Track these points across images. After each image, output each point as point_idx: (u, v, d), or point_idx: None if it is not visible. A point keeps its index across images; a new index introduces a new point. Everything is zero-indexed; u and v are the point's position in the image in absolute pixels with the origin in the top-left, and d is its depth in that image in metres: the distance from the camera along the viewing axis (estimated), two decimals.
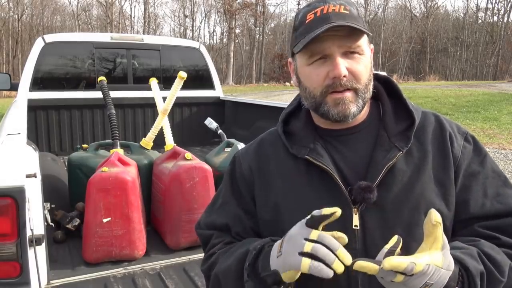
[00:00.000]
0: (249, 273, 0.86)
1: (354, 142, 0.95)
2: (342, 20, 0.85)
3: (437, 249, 0.76)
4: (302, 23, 0.90)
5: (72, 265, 2.13)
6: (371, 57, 0.94)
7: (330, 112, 0.90)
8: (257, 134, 1.12)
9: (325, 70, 0.88)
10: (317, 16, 0.88)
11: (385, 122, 0.95)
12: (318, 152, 0.93)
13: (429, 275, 0.74)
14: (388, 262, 0.73)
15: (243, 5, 35.71)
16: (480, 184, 0.92)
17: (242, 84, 31.88)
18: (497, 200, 0.91)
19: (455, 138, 0.94)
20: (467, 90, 15.86)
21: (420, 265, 0.73)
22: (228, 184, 1.07)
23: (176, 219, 2.33)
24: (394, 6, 48.37)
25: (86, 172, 2.53)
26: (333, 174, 0.89)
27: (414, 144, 0.92)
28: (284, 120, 1.03)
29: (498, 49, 40.83)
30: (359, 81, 0.89)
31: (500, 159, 7.26)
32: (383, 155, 0.90)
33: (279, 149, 1.00)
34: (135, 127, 4.22)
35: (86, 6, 41.25)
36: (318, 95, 0.90)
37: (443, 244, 0.77)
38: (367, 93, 0.91)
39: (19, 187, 1.54)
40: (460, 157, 0.92)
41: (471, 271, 0.81)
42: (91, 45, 3.96)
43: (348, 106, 0.89)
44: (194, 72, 4.42)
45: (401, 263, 0.72)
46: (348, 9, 0.88)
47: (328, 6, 0.88)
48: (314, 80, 0.90)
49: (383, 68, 39.47)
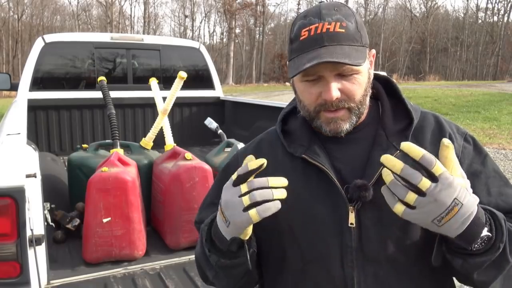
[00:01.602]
0: (210, 248, 0.90)
1: (352, 142, 0.95)
2: (336, 43, 0.85)
3: (457, 175, 0.76)
4: (297, 37, 0.89)
5: (72, 265, 2.13)
6: (371, 66, 0.93)
7: (323, 128, 0.91)
8: (257, 134, 1.12)
9: (318, 90, 0.88)
10: (310, 35, 0.86)
11: (384, 122, 0.95)
12: (315, 151, 0.93)
13: (456, 188, 0.73)
14: (406, 144, 0.75)
15: (243, 5, 35.74)
16: (483, 184, 0.91)
17: (242, 84, 31.89)
18: (501, 200, 0.90)
19: (454, 138, 0.93)
20: (467, 90, 15.87)
21: (440, 168, 0.73)
22: (218, 183, 1.08)
23: (176, 219, 2.33)
24: (394, 6, 48.42)
25: (86, 172, 2.52)
26: (329, 173, 0.90)
27: None
28: (283, 119, 1.04)
29: (498, 49, 40.84)
30: (353, 100, 0.89)
31: (500, 159, 7.26)
32: (380, 154, 0.88)
33: (277, 149, 1.00)
34: (135, 127, 4.21)
35: (86, 6, 41.27)
36: (312, 110, 0.91)
37: (461, 172, 0.78)
38: (361, 108, 0.91)
39: (19, 187, 1.54)
40: (460, 157, 0.91)
41: (496, 215, 0.80)
42: (91, 45, 3.96)
43: (340, 125, 0.90)
44: (194, 72, 4.42)
45: (419, 149, 0.74)
46: (345, 26, 0.86)
47: (323, 25, 0.85)
48: (307, 98, 0.91)
49: (383, 68, 39.48)
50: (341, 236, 0.89)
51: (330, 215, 0.89)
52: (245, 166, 0.82)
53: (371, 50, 0.94)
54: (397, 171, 0.75)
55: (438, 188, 0.73)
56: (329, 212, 0.89)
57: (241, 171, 0.82)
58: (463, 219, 0.74)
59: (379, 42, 41.27)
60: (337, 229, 0.89)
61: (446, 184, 0.73)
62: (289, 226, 0.93)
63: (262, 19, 38.07)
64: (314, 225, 0.89)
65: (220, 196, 1.05)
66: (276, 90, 21.67)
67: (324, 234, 0.89)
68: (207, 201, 1.10)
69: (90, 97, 3.91)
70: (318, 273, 0.91)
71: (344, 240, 0.88)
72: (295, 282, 0.95)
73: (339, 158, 0.94)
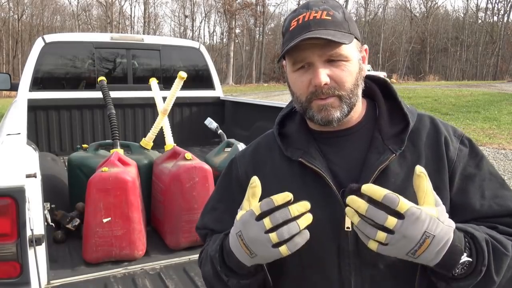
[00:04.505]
0: (227, 273, 0.90)
1: (349, 144, 0.95)
2: (322, 28, 0.86)
3: (430, 204, 0.76)
4: (287, 29, 0.91)
5: (72, 265, 2.13)
6: (362, 59, 0.94)
7: (315, 117, 0.91)
8: (257, 134, 1.12)
9: (308, 78, 0.89)
10: (299, 24, 0.88)
11: (380, 124, 0.95)
12: (312, 154, 0.93)
13: (425, 221, 0.73)
14: (367, 186, 0.75)
15: (243, 5, 35.74)
16: (477, 187, 0.91)
17: (242, 84, 31.89)
18: (495, 202, 0.90)
19: (450, 141, 0.93)
20: (467, 90, 15.88)
21: (405, 204, 0.73)
22: (220, 187, 1.09)
23: (176, 219, 2.33)
24: (394, 6, 48.43)
25: (86, 172, 2.52)
26: (325, 176, 0.89)
27: (408, 147, 0.92)
28: (280, 122, 1.04)
29: (498, 49, 40.85)
30: (343, 87, 0.89)
31: (500, 159, 7.26)
32: (376, 157, 0.90)
33: (274, 152, 1.00)
34: (135, 127, 4.21)
35: (86, 6, 41.28)
36: (304, 100, 0.92)
37: (435, 200, 0.77)
38: (353, 98, 0.91)
39: (19, 187, 1.54)
40: (455, 160, 0.91)
41: (476, 237, 0.80)
42: (91, 45, 3.96)
43: (331, 112, 0.89)
44: (194, 72, 4.42)
45: (380, 189, 0.74)
46: (332, 14, 0.88)
47: (310, 13, 0.88)
48: (299, 87, 0.92)
49: (383, 68, 39.48)
50: (338, 240, 0.89)
51: (327, 219, 0.89)
52: (270, 201, 0.80)
53: (363, 45, 0.95)
54: (362, 212, 0.75)
55: (404, 224, 0.73)
56: (326, 216, 0.89)
57: (265, 207, 0.80)
58: (437, 249, 0.74)
59: (379, 42, 41.27)
60: (334, 233, 0.89)
61: (412, 220, 0.73)
62: None
63: (262, 19, 38.07)
64: (311, 229, 0.89)
65: (221, 200, 1.05)
66: (276, 90, 21.68)
67: (322, 238, 0.89)
68: (209, 207, 1.10)
69: (90, 97, 3.90)
70: (316, 278, 0.92)
71: (341, 244, 0.88)
72: (296, 287, 0.95)
73: (335, 161, 0.94)
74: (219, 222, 1.04)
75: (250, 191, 0.85)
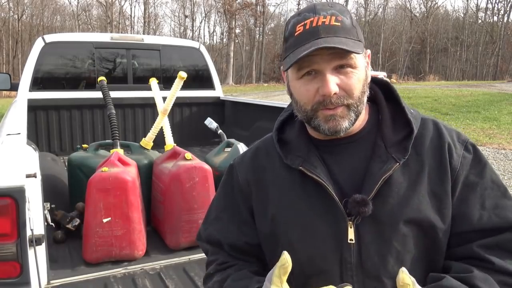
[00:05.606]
0: None
1: (351, 152, 0.92)
2: (332, 35, 0.82)
3: None
4: (292, 34, 0.86)
5: (72, 265, 2.13)
6: (367, 66, 0.90)
7: (321, 127, 0.87)
8: (257, 134, 1.11)
9: (315, 86, 0.85)
10: (306, 29, 0.84)
11: (383, 132, 0.92)
12: (312, 163, 0.90)
13: None
14: None
15: (243, 5, 35.73)
16: (478, 196, 0.88)
17: (242, 84, 31.89)
18: (495, 213, 0.87)
19: (454, 148, 0.90)
20: (467, 90, 15.87)
21: None
22: (221, 195, 1.06)
23: (176, 219, 2.33)
24: (394, 6, 48.42)
25: (86, 172, 2.52)
26: (327, 186, 0.87)
27: (412, 155, 0.89)
28: (279, 128, 1.00)
29: (498, 49, 40.84)
30: (351, 96, 0.85)
31: (500, 159, 7.26)
32: (379, 166, 0.87)
33: (274, 159, 0.97)
34: (135, 127, 4.21)
35: (86, 6, 41.28)
36: (309, 109, 0.87)
37: None
38: (360, 106, 0.88)
39: (19, 187, 1.54)
40: (459, 168, 0.89)
41: None
42: (91, 45, 3.96)
43: (339, 122, 0.86)
44: (194, 72, 4.42)
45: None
46: (340, 20, 0.84)
47: (318, 18, 0.83)
48: (304, 96, 0.87)
49: (383, 68, 39.46)
50: (340, 252, 0.87)
51: (329, 230, 0.87)
52: None
53: (366, 50, 0.92)
54: None
55: None
56: (328, 227, 0.87)
57: None
58: None
59: (379, 42, 41.26)
60: (336, 245, 0.87)
61: None
62: (289, 241, 0.90)
63: (262, 19, 38.05)
64: (313, 240, 0.87)
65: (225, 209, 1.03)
66: (276, 90, 21.68)
67: (324, 249, 0.87)
68: (212, 216, 1.06)
69: (90, 97, 3.91)
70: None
71: (344, 256, 0.86)
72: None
73: (337, 169, 0.91)
74: (225, 232, 1.01)
75: (282, 270, 0.80)
